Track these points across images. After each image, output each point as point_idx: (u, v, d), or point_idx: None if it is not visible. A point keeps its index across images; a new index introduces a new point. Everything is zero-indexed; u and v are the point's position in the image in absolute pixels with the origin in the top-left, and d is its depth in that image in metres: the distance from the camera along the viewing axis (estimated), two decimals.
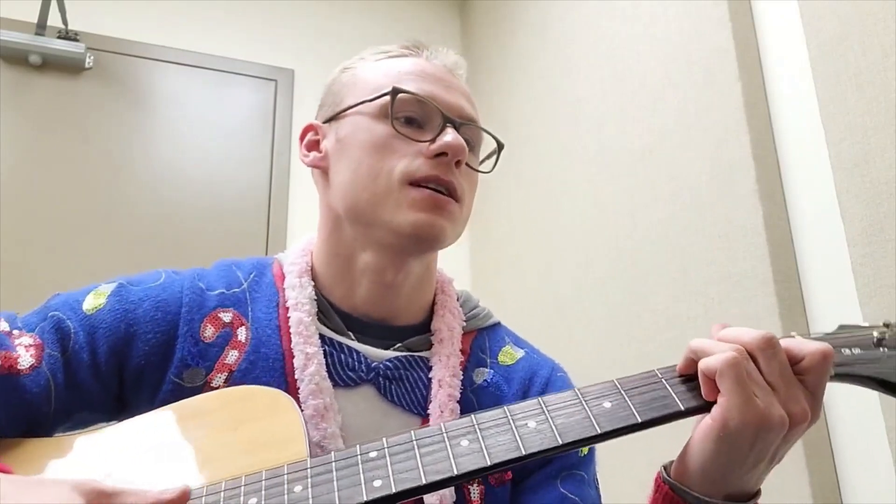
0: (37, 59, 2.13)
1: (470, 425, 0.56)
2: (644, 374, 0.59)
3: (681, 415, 0.56)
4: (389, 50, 0.80)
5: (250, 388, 0.67)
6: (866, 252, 1.00)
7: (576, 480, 0.74)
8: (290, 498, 0.52)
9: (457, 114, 0.75)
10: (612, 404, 0.56)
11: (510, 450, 0.54)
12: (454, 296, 0.82)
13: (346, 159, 0.74)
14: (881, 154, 0.98)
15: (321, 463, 0.55)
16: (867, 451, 1.00)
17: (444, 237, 0.72)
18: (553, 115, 1.97)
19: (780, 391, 0.55)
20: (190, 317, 0.71)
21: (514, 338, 0.85)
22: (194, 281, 0.75)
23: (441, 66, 0.78)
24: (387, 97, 0.73)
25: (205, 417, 0.63)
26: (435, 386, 0.73)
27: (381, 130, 0.73)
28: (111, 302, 0.71)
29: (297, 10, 2.57)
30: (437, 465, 0.53)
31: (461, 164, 0.73)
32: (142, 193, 2.18)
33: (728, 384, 0.54)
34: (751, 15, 1.29)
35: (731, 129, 1.25)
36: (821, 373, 0.56)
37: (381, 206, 0.71)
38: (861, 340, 0.60)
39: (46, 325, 0.68)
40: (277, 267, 0.79)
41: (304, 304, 0.73)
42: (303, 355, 0.70)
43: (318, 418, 0.67)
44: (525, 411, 0.57)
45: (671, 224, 1.41)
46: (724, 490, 0.57)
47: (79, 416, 0.68)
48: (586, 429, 0.55)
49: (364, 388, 0.72)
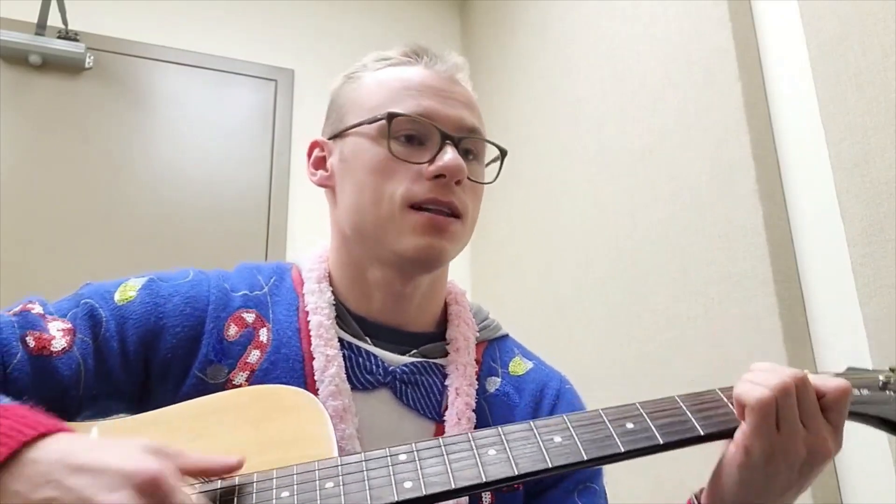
0: (37, 59, 2.12)
1: (496, 436, 0.58)
2: (664, 399, 0.62)
3: (700, 440, 0.59)
4: (390, 57, 0.80)
5: (273, 386, 0.68)
6: (866, 252, 1.00)
7: (591, 493, 0.77)
8: (322, 494, 0.53)
9: (456, 127, 0.75)
10: (634, 425, 0.59)
11: (536, 461, 0.56)
12: (468, 307, 0.84)
13: (350, 181, 0.76)
14: (881, 154, 0.98)
15: (352, 461, 0.56)
16: (867, 451, 1.00)
17: (444, 258, 0.75)
18: (553, 115, 1.97)
19: (810, 427, 0.58)
20: (216, 314, 0.73)
21: (522, 350, 0.87)
22: (220, 281, 0.77)
23: (442, 73, 0.78)
24: (383, 121, 0.73)
25: (229, 413, 0.64)
26: (452, 394, 0.74)
27: (381, 153, 0.74)
28: (142, 295, 0.72)
29: (297, 10, 2.57)
30: (465, 471, 0.55)
31: (461, 182, 0.74)
32: (142, 193, 2.18)
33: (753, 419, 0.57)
34: (751, 15, 1.29)
35: (731, 129, 1.25)
36: (842, 409, 0.60)
37: (385, 230, 0.73)
38: (869, 383, 0.65)
39: (79, 311, 0.69)
40: (296, 272, 0.81)
41: (323, 309, 0.75)
42: (323, 357, 0.71)
43: (337, 419, 0.68)
44: (550, 427, 0.59)
45: (671, 224, 1.41)
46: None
47: (104, 403, 0.69)
48: (609, 446, 0.57)
49: (381, 391, 0.74)
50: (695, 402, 0.62)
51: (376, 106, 0.75)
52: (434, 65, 0.79)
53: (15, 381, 0.62)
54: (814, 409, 0.59)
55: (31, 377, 0.63)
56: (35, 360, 0.64)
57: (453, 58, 0.80)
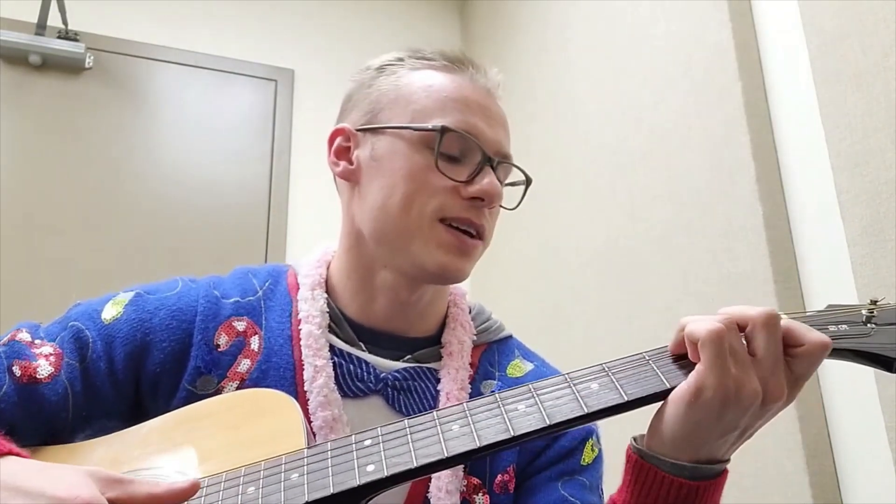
0: (37, 59, 2.13)
1: (461, 411, 0.57)
2: (632, 355, 0.60)
3: (667, 393, 0.57)
4: (433, 59, 0.78)
5: (252, 390, 0.68)
6: (866, 252, 1.00)
7: (577, 484, 0.75)
8: (286, 485, 0.54)
9: (496, 150, 0.75)
10: (600, 385, 0.57)
11: (499, 432, 0.54)
12: (466, 309, 0.83)
13: (380, 181, 0.74)
14: (881, 154, 0.98)
15: (317, 452, 0.56)
16: (867, 451, 1.00)
17: (462, 278, 0.74)
18: (553, 115, 1.97)
19: (765, 367, 0.55)
20: (204, 325, 0.72)
21: (524, 351, 0.86)
22: (210, 289, 0.76)
23: (484, 89, 0.77)
24: (432, 132, 0.72)
25: (208, 419, 0.64)
26: (443, 399, 0.74)
27: (421, 162, 0.72)
28: (128, 311, 0.72)
29: (297, 10, 2.58)
30: (427, 448, 0.54)
31: (494, 207, 0.74)
32: (141, 193, 2.18)
33: (706, 353, 0.55)
34: (751, 15, 1.29)
35: (731, 129, 1.25)
36: (813, 362, 0.57)
37: (410, 238, 0.72)
38: (849, 317, 0.62)
39: (66, 334, 0.70)
40: (292, 276, 0.80)
41: (315, 317, 0.74)
42: (311, 368, 0.71)
43: (328, 430, 0.68)
44: (515, 396, 0.58)
45: (671, 224, 1.41)
46: (693, 455, 0.57)
47: (98, 422, 0.69)
48: (573, 409, 0.55)
49: (372, 398, 0.73)
50: (664, 355, 0.59)
51: (422, 111, 0.73)
52: (478, 79, 0.77)
53: (3, 412, 0.63)
54: (775, 348, 0.56)
55: (19, 406, 0.64)
56: (22, 388, 0.64)
57: (494, 74, 0.79)
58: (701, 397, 0.54)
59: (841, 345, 0.60)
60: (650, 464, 0.59)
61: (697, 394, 0.54)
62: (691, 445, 0.57)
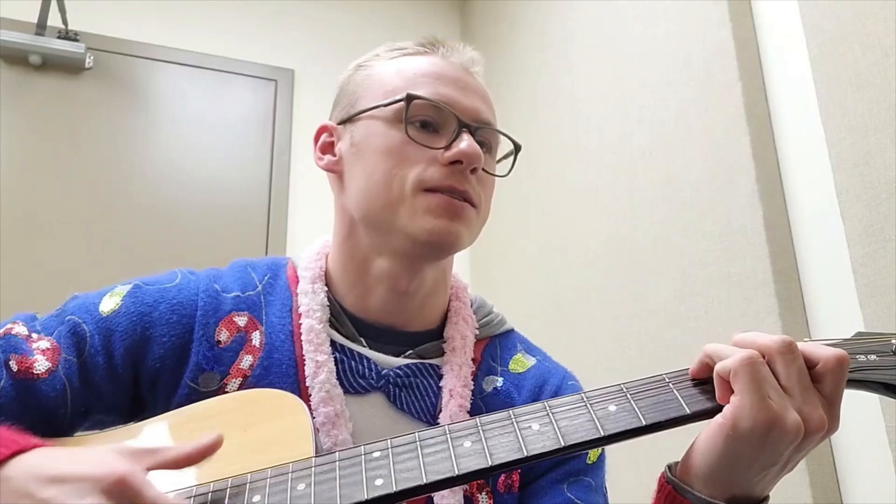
0: (37, 59, 2.12)
1: (474, 426, 0.56)
2: (652, 377, 0.58)
3: (687, 419, 0.56)
4: (405, 47, 0.78)
5: (261, 390, 0.67)
6: (866, 252, 1.00)
7: (583, 486, 0.74)
8: (293, 495, 0.53)
9: (472, 117, 0.74)
10: (617, 407, 0.56)
11: (512, 451, 0.53)
12: (468, 303, 0.82)
13: (361, 165, 0.74)
14: (881, 154, 0.98)
15: (325, 462, 0.55)
16: (867, 451, 1.00)
17: (460, 243, 0.72)
18: (553, 115, 1.97)
19: (796, 396, 0.54)
20: (205, 320, 0.71)
21: (526, 345, 0.85)
22: (210, 283, 0.75)
23: (458, 64, 0.77)
24: (401, 103, 0.72)
25: (217, 418, 0.63)
26: (446, 395, 0.73)
27: (396, 136, 0.72)
28: (126, 303, 0.71)
29: (297, 10, 2.57)
30: (438, 464, 0.53)
31: (477, 171, 0.73)
32: (142, 193, 2.18)
33: (742, 384, 0.53)
34: (751, 15, 1.29)
35: (731, 129, 1.25)
36: (837, 379, 0.55)
37: (396, 213, 0.70)
38: (879, 347, 0.59)
39: (63, 328, 0.68)
40: (291, 269, 0.79)
41: (315, 311, 0.73)
42: (313, 363, 0.70)
43: (330, 426, 0.67)
44: (529, 414, 0.56)
45: (671, 224, 1.41)
46: (729, 492, 0.56)
47: (97, 416, 0.69)
48: (589, 431, 0.54)
49: (374, 395, 0.72)
50: (684, 378, 0.58)
51: (392, 91, 0.73)
52: (450, 56, 0.77)
53: (1, 407, 0.62)
54: (800, 375, 0.54)
55: (16, 401, 0.63)
56: (19, 383, 0.63)
57: (469, 51, 0.79)
58: (739, 429, 0.53)
59: (869, 377, 0.57)
60: (686, 498, 0.57)
61: (735, 426, 0.53)
62: (728, 481, 0.55)
